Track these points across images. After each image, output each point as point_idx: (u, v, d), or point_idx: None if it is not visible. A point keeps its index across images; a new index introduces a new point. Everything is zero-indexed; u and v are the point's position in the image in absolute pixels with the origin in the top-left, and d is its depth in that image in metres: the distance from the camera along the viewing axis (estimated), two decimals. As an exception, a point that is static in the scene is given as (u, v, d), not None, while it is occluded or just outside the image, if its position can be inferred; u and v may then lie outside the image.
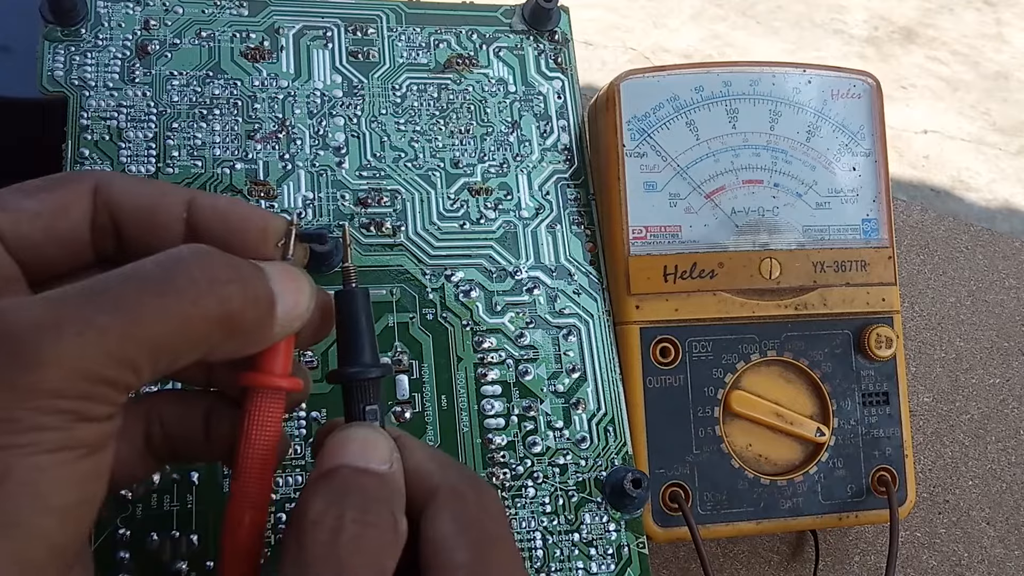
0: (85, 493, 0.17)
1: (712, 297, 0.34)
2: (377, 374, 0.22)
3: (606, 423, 0.33)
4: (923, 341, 0.46)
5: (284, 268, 0.20)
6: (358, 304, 0.23)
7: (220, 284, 0.18)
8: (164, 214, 0.21)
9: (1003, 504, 0.42)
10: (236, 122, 0.33)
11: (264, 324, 0.19)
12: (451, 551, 0.20)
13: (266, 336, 0.20)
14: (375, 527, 0.19)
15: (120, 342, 0.16)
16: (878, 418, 0.35)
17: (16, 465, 0.15)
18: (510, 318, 0.33)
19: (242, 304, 0.18)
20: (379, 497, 0.20)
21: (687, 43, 1.50)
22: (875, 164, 0.37)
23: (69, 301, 0.16)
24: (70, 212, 0.20)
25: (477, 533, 0.20)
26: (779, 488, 0.34)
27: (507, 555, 0.21)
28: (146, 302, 0.17)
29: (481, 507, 0.21)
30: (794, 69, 0.36)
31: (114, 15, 0.33)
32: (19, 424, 0.15)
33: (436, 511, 0.20)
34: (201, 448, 0.22)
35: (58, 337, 0.16)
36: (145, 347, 0.17)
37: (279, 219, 0.22)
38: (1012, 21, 1.73)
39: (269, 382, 0.21)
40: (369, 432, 0.21)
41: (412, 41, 0.35)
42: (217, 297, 0.18)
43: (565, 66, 0.37)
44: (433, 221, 0.33)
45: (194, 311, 0.17)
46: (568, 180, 0.35)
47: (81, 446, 0.16)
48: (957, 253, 0.49)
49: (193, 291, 0.17)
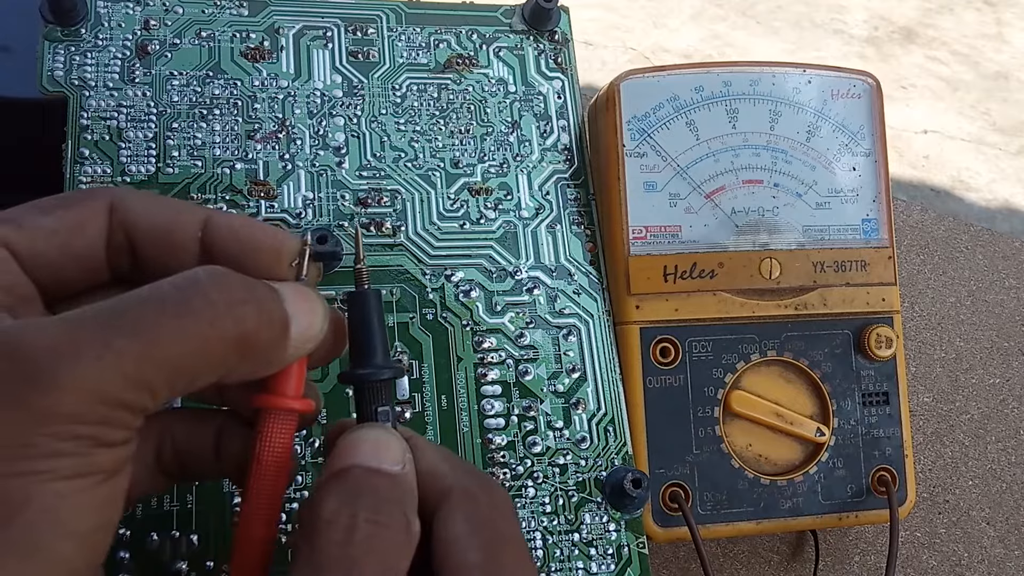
0: (102, 519, 0.16)
1: (712, 297, 0.34)
2: (389, 375, 0.22)
3: (606, 423, 0.33)
4: (923, 341, 0.46)
5: (298, 289, 0.20)
6: (370, 305, 0.23)
7: (237, 306, 0.18)
8: (180, 233, 0.21)
9: (1003, 504, 0.42)
10: (236, 122, 0.33)
11: (279, 346, 0.19)
12: (464, 552, 0.20)
13: (280, 358, 0.20)
14: (388, 528, 0.19)
15: (138, 365, 0.16)
16: (878, 418, 0.35)
17: (36, 492, 0.15)
18: (510, 318, 0.33)
19: (257, 325, 0.18)
20: (392, 498, 0.20)
21: (687, 43, 1.50)
22: (875, 164, 0.37)
23: (87, 323, 0.16)
24: (86, 230, 0.20)
25: (490, 533, 0.20)
26: (779, 488, 0.34)
27: (519, 555, 0.21)
28: (164, 324, 0.17)
29: (493, 507, 0.21)
30: (794, 69, 0.36)
31: (114, 15, 0.33)
32: (37, 450, 0.15)
33: (449, 512, 0.21)
34: (211, 466, 0.22)
35: (76, 361, 0.15)
36: (163, 370, 0.17)
37: (293, 239, 0.22)
38: (1012, 21, 1.73)
39: (282, 404, 0.21)
40: (381, 433, 0.21)
41: (412, 41, 0.36)
42: (234, 319, 0.18)
43: (565, 66, 0.37)
44: (433, 221, 0.33)
45: (211, 333, 0.17)
46: (568, 180, 0.35)
47: (99, 472, 0.16)
48: (957, 253, 0.49)
49: (210, 313, 0.17)
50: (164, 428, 0.21)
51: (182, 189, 0.31)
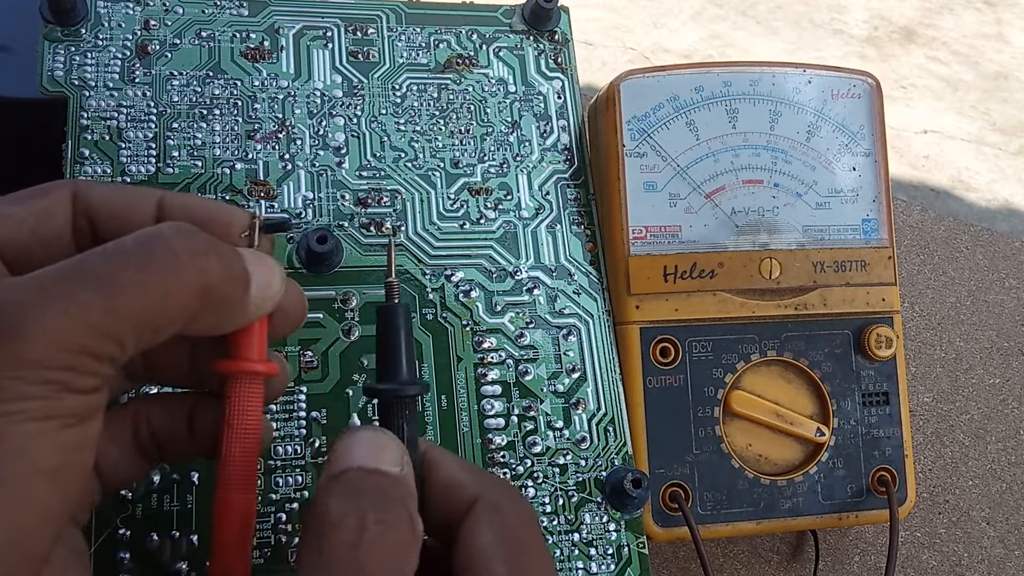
0: (73, 460, 0.17)
1: (712, 297, 0.34)
2: (414, 392, 0.22)
3: (606, 423, 0.33)
4: (923, 341, 0.46)
5: (254, 252, 0.21)
6: (398, 320, 0.23)
7: (200, 256, 0.19)
8: (137, 214, 0.22)
9: (1003, 504, 0.42)
10: (236, 122, 0.33)
11: (240, 300, 0.20)
12: (490, 561, 0.20)
13: (241, 313, 0.20)
14: (395, 527, 0.19)
15: (103, 315, 0.17)
16: (878, 418, 0.35)
17: (8, 431, 0.16)
18: (510, 318, 0.33)
19: (220, 276, 0.19)
20: (396, 497, 0.20)
21: (687, 43, 1.50)
22: (875, 164, 0.37)
23: (53, 278, 0.17)
24: (54, 216, 0.21)
25: (515, 544, 0.21)
26: (779, 488, 0.34)
27: (545, 566, 0.21)
28: (128, 275, 0.18)
29: (519, 518, 0.21)
30: (794, 69, 0.36)
31: (114, 15, 0.33)
32: (7, 392, 0.16)
33: (475, 522, 0.21)
34: (187, 445, 0.22)
35: (43, 312, 0.16)
36: (128, 319, 0.17)
37: (244, 213, 0.23)
38: (1012, 21, 1.73)
39: (246, 367, 0.21)
40: (378, 435, 0.21)
41: (412, 41, 0.36)
42: (197, 269, 0.19)
43: (565, 66, 0.37)
44: (433, 221, 0.33)
45: (174, 282, 0.18)
46: (568, 180, 0.35)
47: (69, 415, 0.17)
48: (957, 253, 0.49)
49: (174, 264, 0.18)
50: (139, 412, 0.22)
51: (182, 189, 0.31)
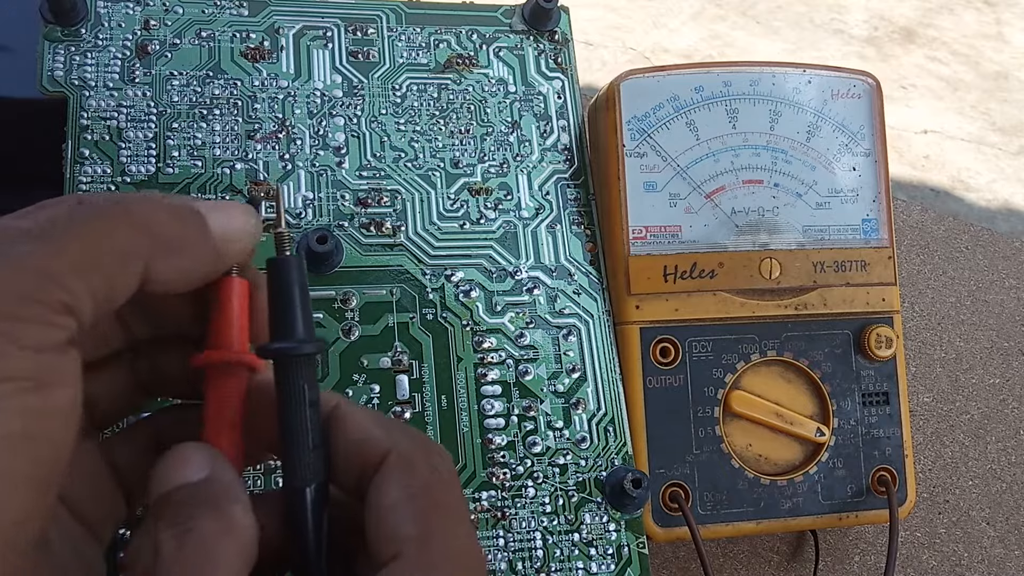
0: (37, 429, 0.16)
1: (712, 297, 0.34)
2: (311, 350, 0.20)
3: (606, 423, 0.33)
4: (923, 341, 0.46)
5: (215, 200, 0.20)
6: (291, 272, 0.20)
7: (140, 201, 0.18)
8: None
9: (1003, 504, 0.42)
10: (236, 122, 0.33)
11: (198, 242, 0.19)
12: (397, 522, 0.18)
13: (207, 256, 0.19)
14: (195, 531, 0.17)
15: (43, 259, 0.16)
16: (878, 418, 0.35)
17: None
18: (510, 318, 0.33)
19: (167, 214, 0.18)
20: (196, 501, 0.18)
21: (687, 43, 1.50)
22: (875, 164, 0.37)
23: None
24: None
25: (426, 502, 0.19)
26: (779, 488, 0.34)
27: (459, 527, 0.19)
28: (69, 227, 0.17)
29: (433, 473, 0.19)
30: (794, 69, 0.36)
31: (114, 15, 0.33)
32: None
33: (383, 479, 0.19)
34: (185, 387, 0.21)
35: None
36: (68, 257, 0.16)
37: None
38: (1012, 21, 1.72)
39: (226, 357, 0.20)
40: (172, 452, 0.19)
41: (412, 41, 0.35)
42: (140, 210, 0.18)
43: (565, 66, 0.37)
44: (433, 221, 0.33)
45: (118, 224, 0.17)
46: (568, 180, 0.35)
47: (22, 377, 0.16)
48: (957, 253, 0.49)
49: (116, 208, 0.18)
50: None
51: (182, 189, 0.31)
